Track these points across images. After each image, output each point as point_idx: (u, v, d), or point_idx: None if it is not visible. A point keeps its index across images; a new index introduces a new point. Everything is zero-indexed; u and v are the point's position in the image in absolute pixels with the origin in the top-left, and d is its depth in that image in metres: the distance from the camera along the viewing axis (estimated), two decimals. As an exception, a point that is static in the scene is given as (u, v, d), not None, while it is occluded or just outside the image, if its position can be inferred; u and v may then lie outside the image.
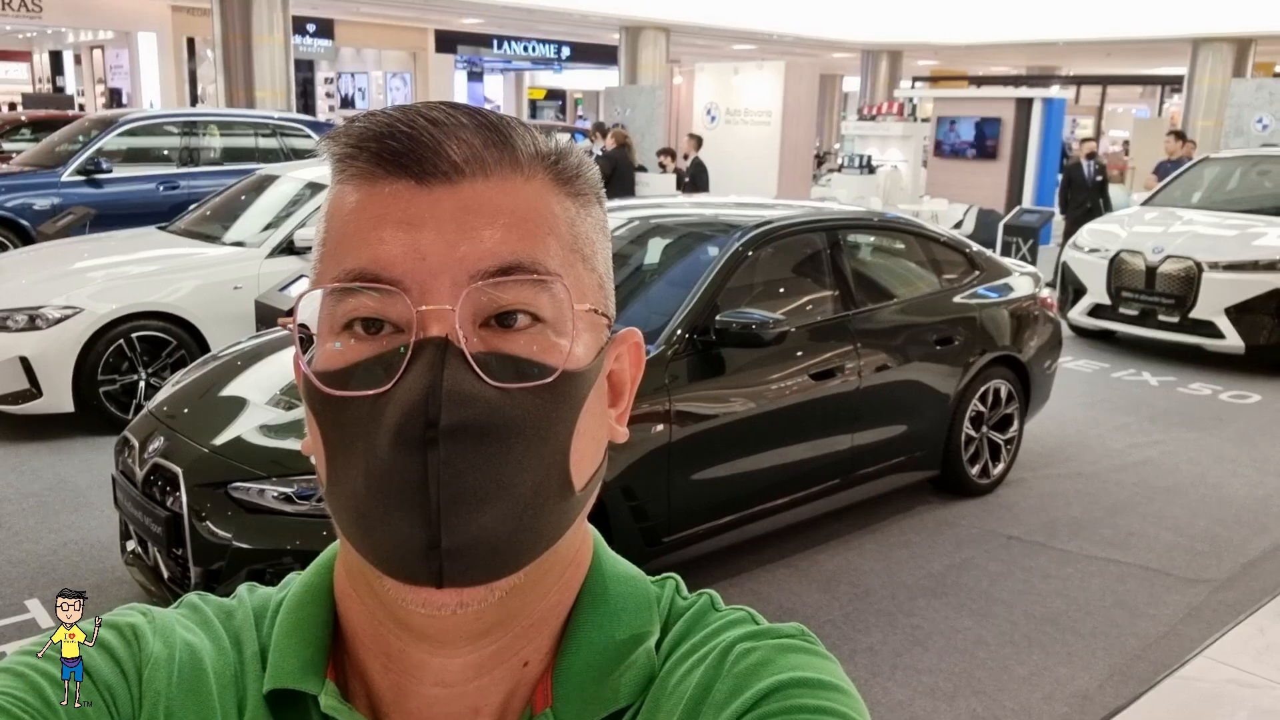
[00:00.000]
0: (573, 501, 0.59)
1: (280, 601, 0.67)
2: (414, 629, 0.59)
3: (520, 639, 0.62)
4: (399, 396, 0.53)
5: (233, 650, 0.65)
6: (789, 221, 4.50)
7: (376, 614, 0.61)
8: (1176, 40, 19.01)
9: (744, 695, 0.58)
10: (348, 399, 0.55)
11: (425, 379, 0.53)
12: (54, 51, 27.33)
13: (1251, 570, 4.35)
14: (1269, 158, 9.59)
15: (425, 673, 0.61)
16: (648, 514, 3.67)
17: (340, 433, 0.56)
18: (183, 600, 0.69)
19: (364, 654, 0.63)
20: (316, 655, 0.63)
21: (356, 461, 0.55)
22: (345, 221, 0.58)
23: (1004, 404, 5.11)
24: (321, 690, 0.61)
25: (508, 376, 0.54)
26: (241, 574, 3.13)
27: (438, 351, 0.53)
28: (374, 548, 0.55)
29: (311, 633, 0.64)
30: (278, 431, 3.48)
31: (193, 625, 0.66)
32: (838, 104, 34.44)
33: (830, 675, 0.60)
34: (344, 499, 0.56)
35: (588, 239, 0.61)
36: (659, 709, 0.61)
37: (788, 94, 13.71)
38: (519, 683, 0.62)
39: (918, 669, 3.50)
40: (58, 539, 4.30)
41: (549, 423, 0.56)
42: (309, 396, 0.57)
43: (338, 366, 0.56)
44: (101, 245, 6.59)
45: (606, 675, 0.62)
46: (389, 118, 0.57)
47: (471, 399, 0.53)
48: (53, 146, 9.63)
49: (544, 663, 0.63)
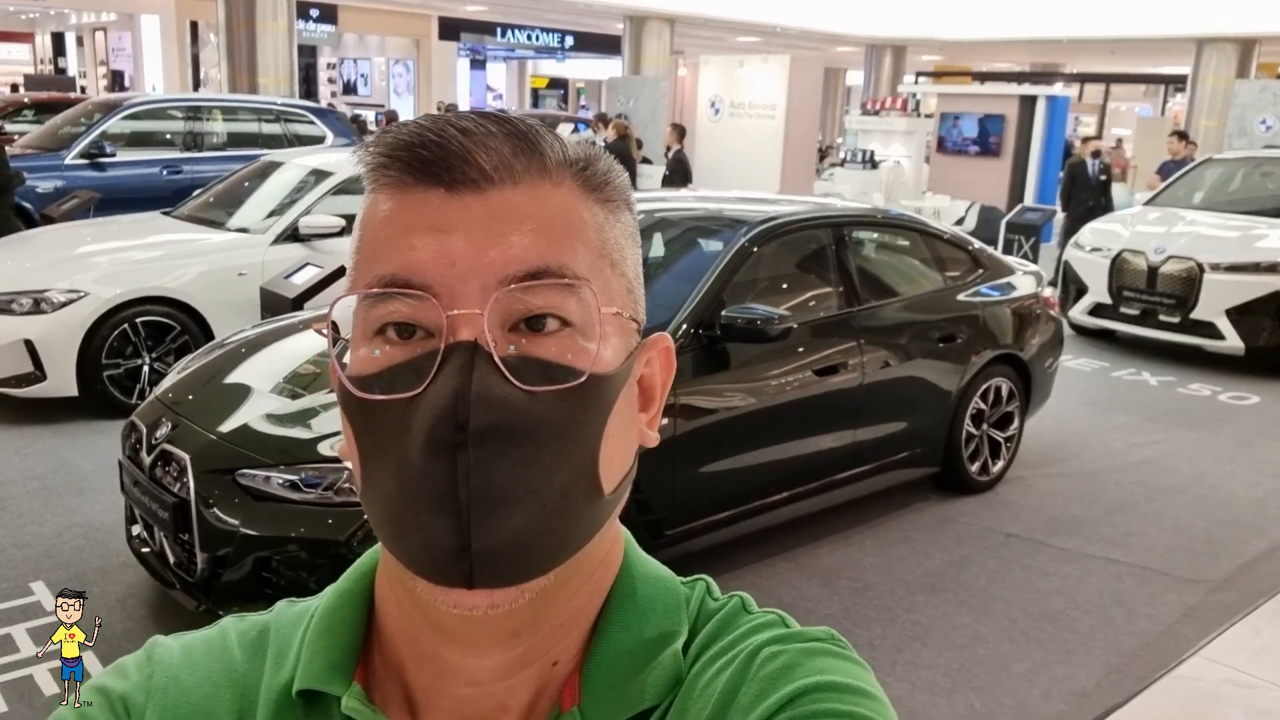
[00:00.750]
0: (602, 504, 0.59)
1: (316, 608, 0.69)
2: (446, 631, 0.60)
3: (549, 639, 0.62)
4: (429, 400, 0.54)
5: (251, 667, 0.66)
6: (794, 218, 4.51)
7: (411, 615, 0.62)
8: (1181, 40, 18.98)
9: (770, 699, 0.58)
10: (380, 403, 0.56)
11: (454, 383, 0.53)
12: (56, 33, 27.25)
13: (1249, 571, 4.38)
14: (1272, 159, 9.60)
15: (457, 673, 0.62)
16: (651, 507, 3.69)
17: (373, 436, 0.57)
18: (217, 624, 0.70)
19: (399, 655, 0.64)
20: (345, 658, 0.64)
21: (389, 464, 0.56)
22: (378, 229, 0.59)
23: (1005, 402, 5.13)
24: (346, 692, 0.62)
25: (536, 380, 0.55)
26: (248, 561, 3.15)
27: (467, 355, 0.54)
28: (406, 549, 0.56)
29: (341, 636, 0.65)
30: (284, 420, 3.50)
31: (200, 656, 0.67)
32: (841, 98, 34.40)
33: (859, 680, 0.60)
34: (377, 501, 0.57)
35: (616, 244, 0.62)
36: (686, 711, 0.61)
37: (792, 88, 13.70)
38: (547, 682, 0.63)
39: (916, 665, 3.53)
40: (62, 522, 4.32)
41: (577, 426, 0.57)
42: (343, 400, 0.58)
43: (371, 371, 0.57)
44: (106, 229, 6.59)
45: (633, 675, 0.62)
46: (420, 127, 0.58)
47: (500, 402, 0.54)
48: (56, 129, 9.61)
49: (573, 662, 0.63)
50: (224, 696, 0.65)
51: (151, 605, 3.68)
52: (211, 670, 0.66)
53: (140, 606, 3.68)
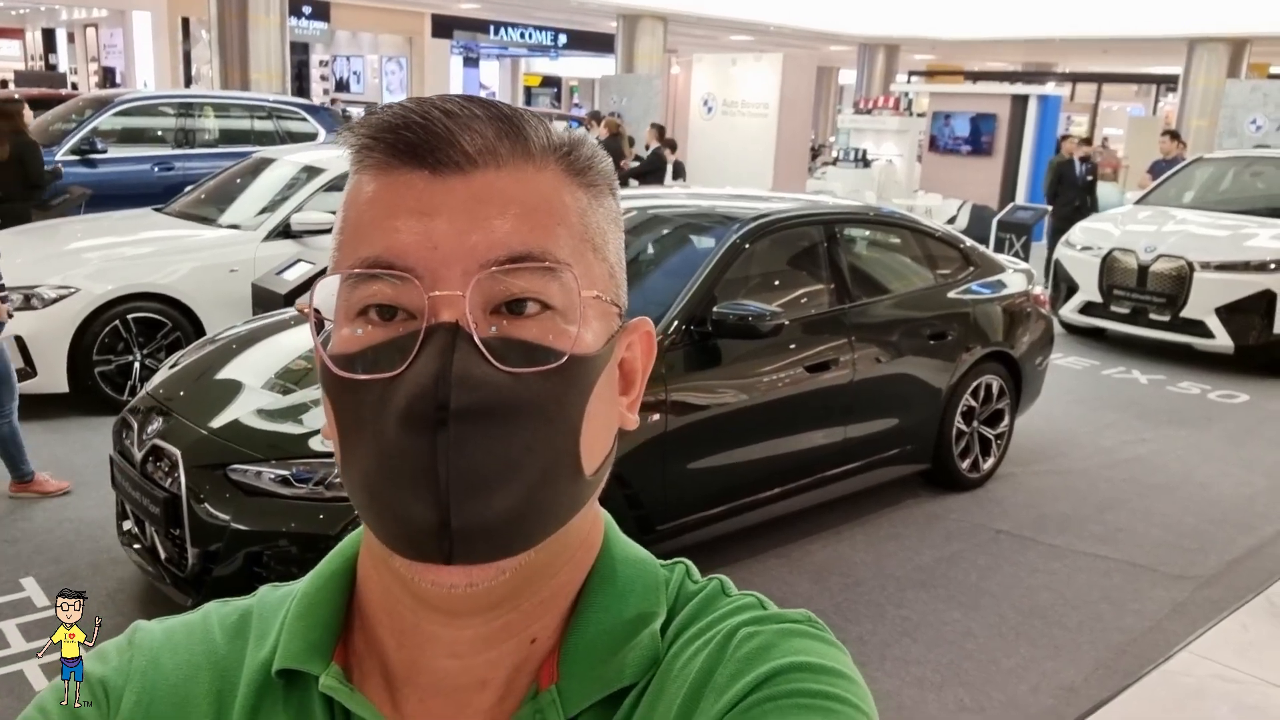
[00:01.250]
0: (582, 484, 0.60)
1: (298, 590, 0.69)
2: (427, 601, 0.61)
3: (529, 615, 0.63)
4: (410, 379, 0.54)
5: (231, 650, 0.67)
6: (786, 215, 4.52)
7: (392, 589, 0.63)
8: (1172, 39, 19.03)
9: (746, 678, 0.59)
10: (361, 382, 0.56)
11: (436, 363, 0.54)
12: (47, 29, 27.12)
13: (1236, 567, 4.40)
14: (1262, 159, 9.64)
15: (437, 646, 0.63)
16: (641, 502, 3.70)
17: (354, 415, 0.57)
18: (199, 609, 0.71)
19: (380, 631, 0.65)
20: (324, 638, 0.65)
21: (369, 443, 0.56)
22: (362, 210, 0.59)
23: (995, 399, 5.15)
24: (324, 671, 0.63)
25: (517, 361, 0.56)
26: (239, 556, 3.15)
27: (448, 336, 0.55)
28: (385, 526, 0.57)
29: (320, 616, 0.66)
30: (275, 415, 3.50)
31: (180, 639, 0.67)
32: (834, 97, 34.42)
33: (834, 661, 0.61)
34: (357, 479, 0.58)
35: (599, 229, 0.62)
36: (663, 690, 0.62)
37: (785, 86, 13.70)
38: (526, 659, 0.64)
39: (906, 660, 3.55)
40: (52, 518, 4.31)
41: (558, 406, 0.57)
42: (325, 379, 0.59)
43: (352, 350, 0.58)
44: (97, 226, 6.58)
45: (612, 655, 0.63)
46: (404, 109, 0.59)
47: (481, 382, 0.54)
48: (47, 125, 9.57)
49: (551, 640, 0.64)
50: (203, 679, 0.65)
51: (142, 601, 3.68)
52: (192, 653, 0.67)
53: (131, 602, 3.68)
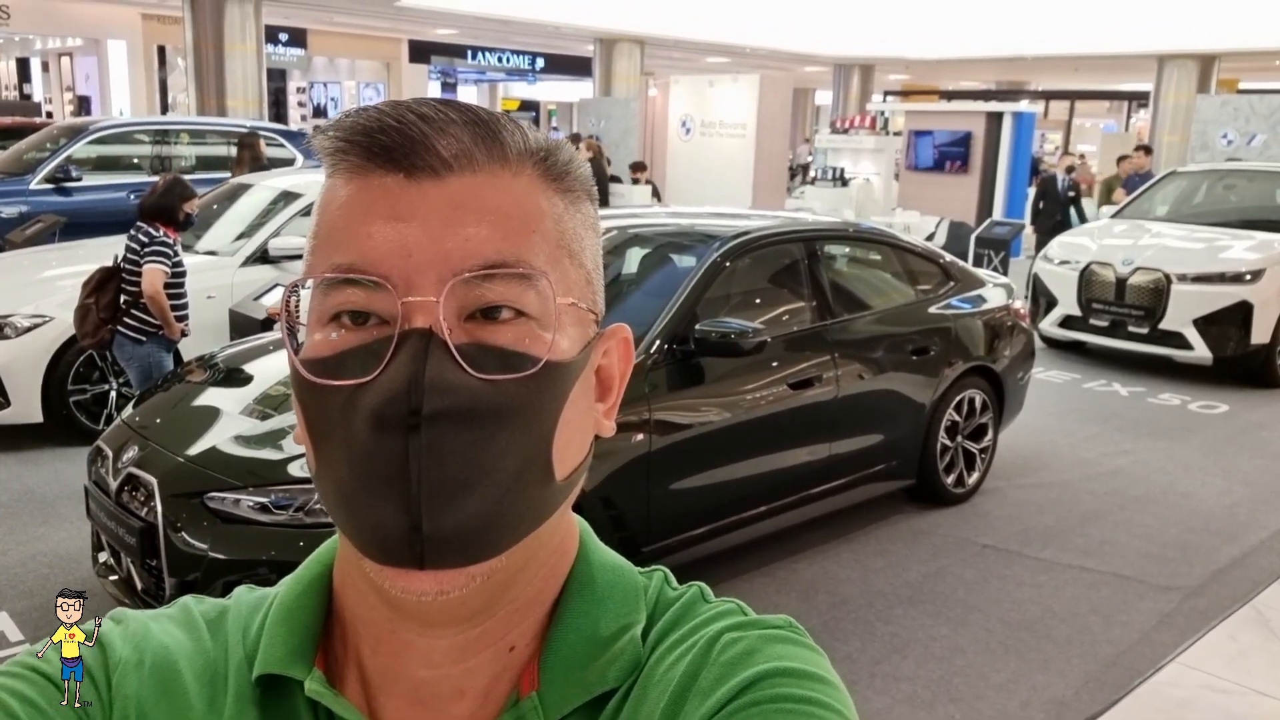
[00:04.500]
0: (553, 489, 0.59)
1: (276, 595, 0.68)
2: (402, 608, 0.60)
3: (505, 623, 0.62)
4: (382, 384, 0.54)
5: (216, 646, 0.66)
6: (766, 232, 4.52)
7: (368, 596, 0.62)
8: (1143, 56, 19.27)
9: (729, 683, 0.59)
10: (332, 387, 0.56)
11: (408, 369, 0.53)
12: (21, 58, 26.99)
13: (1222, 577, 4.40)
14: (1234, 171, 9.75)
15: (413, 654, 0.62)
16: (626, 523, 3.67)
17: (325, 420, 0.56)
18: (175, 602, 0.70)
19: (357, 639, 0.64)
20: (305, 643, 0.64)
21: (341, 448, 0.55)
22: (335, 215, 0.59)
23: (978, 414, 5.15)
24: (308, 676, 0.62)
25: (491, 368, 0.55)
26: (218, 585, 3.09)
27: (421, 342, 0.54)
28: (358, 530, 0.56)
29: (301, 621, 0.65)
30: (253, 441, 3.45)
31: (171, 626, 0.66)
32: (810, 117, 34.68)
33: (815, 666, 0.61)
34: (330, 484, 0.57)
35: (575, 235, 0.62)
36: (646, 695, 0.61)
37: (762, 107, 13.81)
38: (505, 667, 0.63)
39: (896, 677, 3.52)
40: (26, 551, 4.23)
41: (532, 412, 0.57)
42: (296, 384, 0.58)
43: (325, 355, 0.57)
44: (71, 254, 6.51)
45: (592, 661, 0.62)
46: (379, 113, 0.58)
47: (453, 388, 0.54)
48: (21, 154, 9.50)
49: (530, 648, 0.63)
50: (197, 662, 0.65)
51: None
52: (184, 637, 0.66)
53: (107, 635, 3.61)
